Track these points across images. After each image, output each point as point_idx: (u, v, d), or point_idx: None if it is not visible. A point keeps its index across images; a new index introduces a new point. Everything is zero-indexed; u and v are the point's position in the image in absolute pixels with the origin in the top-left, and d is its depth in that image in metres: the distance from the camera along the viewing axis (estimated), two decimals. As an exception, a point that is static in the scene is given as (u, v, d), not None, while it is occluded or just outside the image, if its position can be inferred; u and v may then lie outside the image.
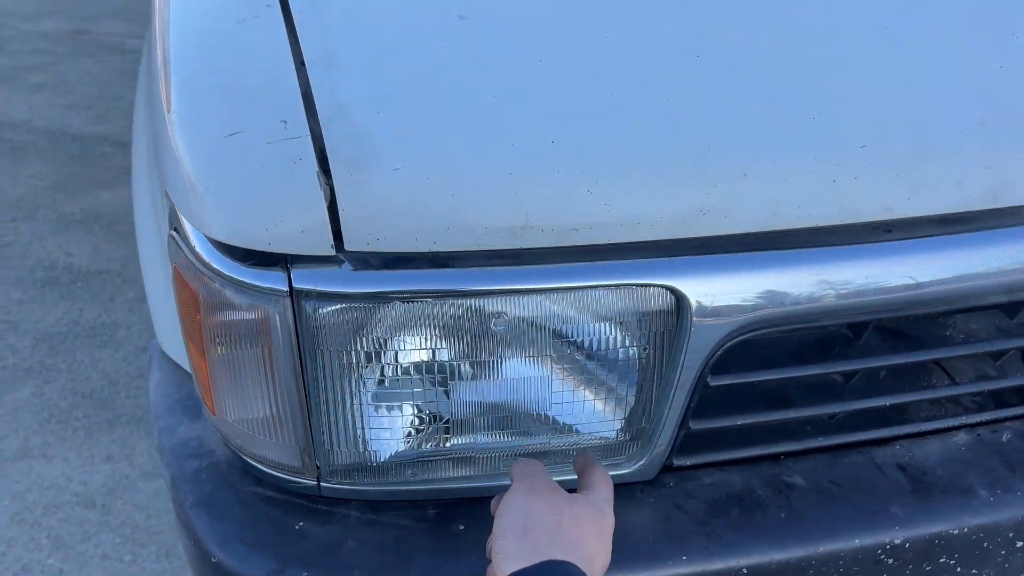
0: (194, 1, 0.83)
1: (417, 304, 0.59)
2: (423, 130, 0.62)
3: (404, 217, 0.58)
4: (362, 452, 0.65)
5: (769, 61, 0.69)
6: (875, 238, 0.65)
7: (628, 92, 0.66)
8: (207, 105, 0.67)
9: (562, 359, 0.63)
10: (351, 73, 0.67)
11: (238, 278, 0.60)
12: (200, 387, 0.69)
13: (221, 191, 0.60)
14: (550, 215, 0.59)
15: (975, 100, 0.68)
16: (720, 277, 0.61)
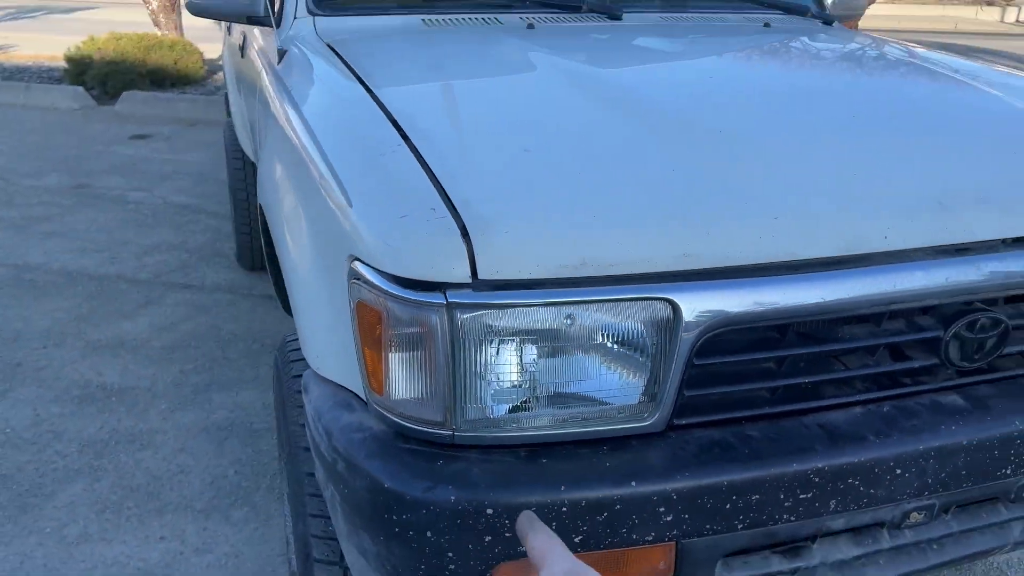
0: (341, 140, 1.26)
1: (522, 311, 1.00)
2: (518, 211, 1.04)
3: (510, 259, 1.00)
4: (483, 411, 1.03)
5: (717, 152, 1.15)
6: (787, 272, 1.08)
7: (633, 183, 1.10)
8: (380, 202, 1.09)
9: (605, 348, 1.03)
10: (466, 181, 1.10)
11: (414, 298, 0.99)
12: (371, 379, 1.07)
13: (400, 248, 1.01)
14: (597, 257, 1.01)
15: (841, 185, 1.14)
16: (698, 294, 1.03)
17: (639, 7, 2.10)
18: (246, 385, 2.99)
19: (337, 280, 1.13)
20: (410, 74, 1.56)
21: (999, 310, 1.17)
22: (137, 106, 7.58)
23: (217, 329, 3.43)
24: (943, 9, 18.90)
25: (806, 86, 1.60)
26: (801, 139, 1.27)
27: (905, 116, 1.42)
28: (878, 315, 1.13)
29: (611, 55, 1.72)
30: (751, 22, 2.14)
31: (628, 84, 1.50)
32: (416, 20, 1.94)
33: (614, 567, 1.05)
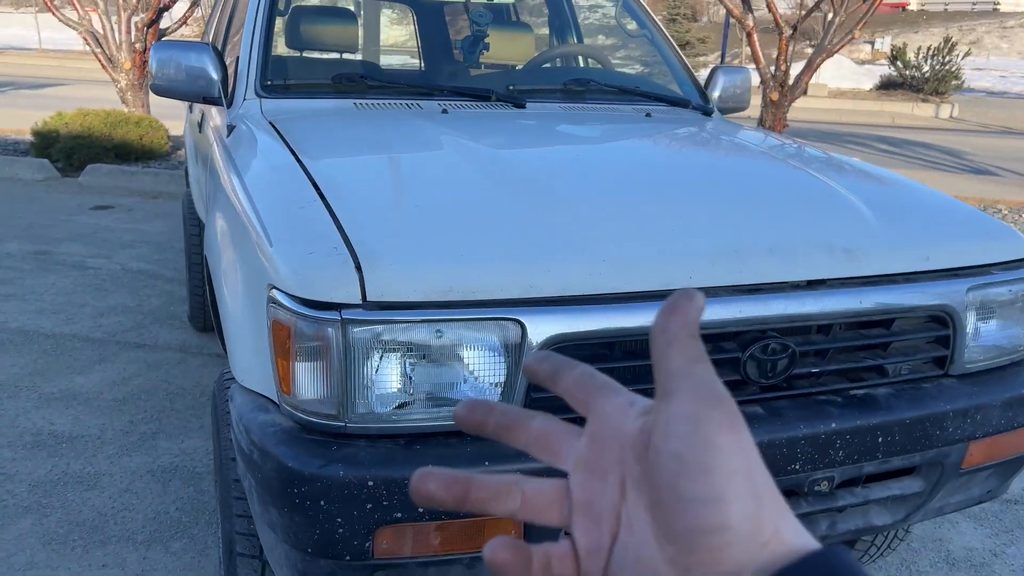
0: (269, 196, 1.56)
1: (401, 326, 1.28)
2: (401, 250, 1.34)
3: (393, 286, 1.29)
4: (369, 407, 1.30)
5: (565, 212, 1.46)
6: (612, 302, 1.38)
7: (495, 231, 1.41)
8: (292, 243, 1.38)
9: (468, 358, 1.32)
10: (366, 228, 1.39)
11: (316, 315, 1.28)
12: (282, 383, 1.34)
13: (307, 278, 1.30)
14: (461, 286, 1.31)
15: (665, 235, 1.46)
16: (541, 316, 1.33)
17: (542, 98, 2.47)
18: (191, 433, 3.19)
19: (259, 306, 1.41)
20: (335, 147, 1.88)
21: (789, 339, 1.49)
22: (101, 178, 7.84)
23: (167, 384, 3.63)
24: (881, 104, 20.09)
25: (655, 163, 1.96)
26: (636, 202, 1.60)
27: (724, 187, 1.76)
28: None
29: (507, 136, 2.06)
30: (637, 112, 2.51)
31: (512, 159, 1.84)
32: (349, 104, 2.27)
33: (475, 534, 1.31)
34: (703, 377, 0.36)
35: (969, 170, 11.03)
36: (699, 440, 0.34)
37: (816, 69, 7.72)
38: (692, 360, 0.36)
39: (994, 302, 1.67)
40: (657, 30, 2.90)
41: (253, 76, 2.28)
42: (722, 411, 0.35)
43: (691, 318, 0.37)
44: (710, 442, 0.35)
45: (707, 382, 0.36)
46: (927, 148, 13.28)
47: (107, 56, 8.83)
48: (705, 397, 0.35)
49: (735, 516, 0.34)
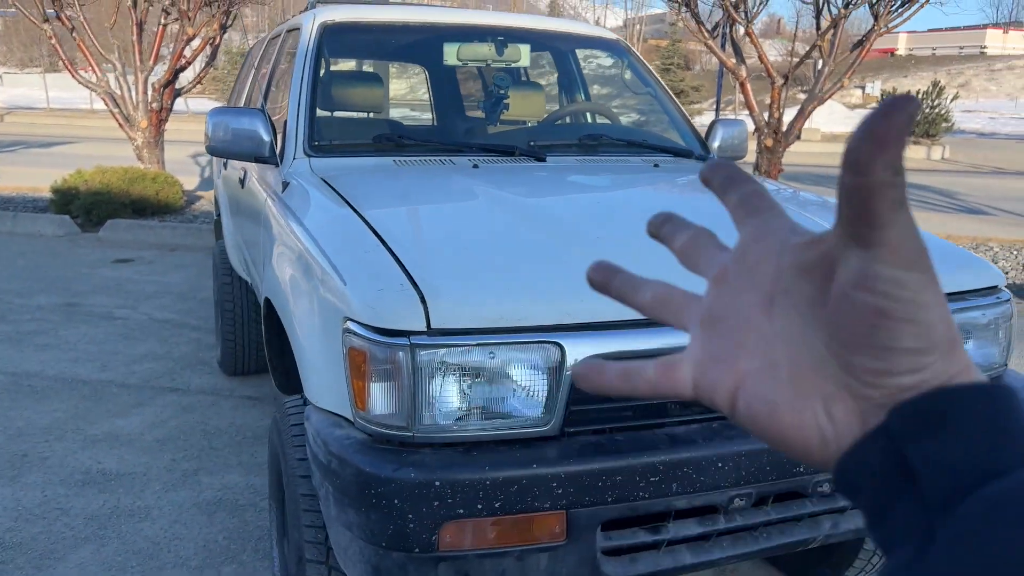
0: (336, 243, 1.80)
1: (460, 349, 1.51)
2: (458, 286, 1.58)
3: (452, 315, 1.52)
4: (433, 420, 1.52)
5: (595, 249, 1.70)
6: (633, 327, 1.61)
7: (536, 269, 1.64)
8: (365, 281, 1.62)
9: (516, 376, 1.54)
10: (425, 267, 1.63)
11: (388, 342, 1.51)
12: (357, 401, 1.56)
13: (379, 308, 1.53)
14: (511, 315, 1.54)
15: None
16: (578, 340, 1.56)
17: (560, 152, 2.73)
18: (231, 470, 3.39)
19: (334, 337, 1.64)
20: (385, 198, 2.13)
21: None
22: (120, 233, 8.11)
23: (203, 424, 3.84)
24: (872, 148, 20.49)
25: (667, 207, 2.20)
26: (652, 241, 1.84)
27: (731, 228, 2.01)
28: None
29: (534, 187, 2.32)
30: (646, 163, 2.78)
31: (543, 206, 2.09)
32: (388, 161, 2.53)
33: (525, 529, 1.53)
34: (907, 228, 0.33)
35: (963, 210, 11.34)
36: (906, 300, 0.33)
37: (808, 116, 8.06)
38: (897, 204, 0.32)
39: (971, 325, 1.90)
40: (660, 88, 3.18)
41: (302, 137, 2.55)
42: (927, 271, 0.34)
43: (903, 126, 0.31)
44: (918, 302, 0.33)
45: (911, 235, 0.33)
46: (921, 189, 13.62)
47: (124, 115, 9.17)
48: (911, 255, 0.33)
49: (932, 365, 0.34)
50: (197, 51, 9.38)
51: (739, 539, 1.74)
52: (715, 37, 8.44)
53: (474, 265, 1.67)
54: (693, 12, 8.27)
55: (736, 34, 8.20)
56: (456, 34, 3.06)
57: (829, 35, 7.90)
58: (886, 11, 7.67)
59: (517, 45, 3.08)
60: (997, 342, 1.95)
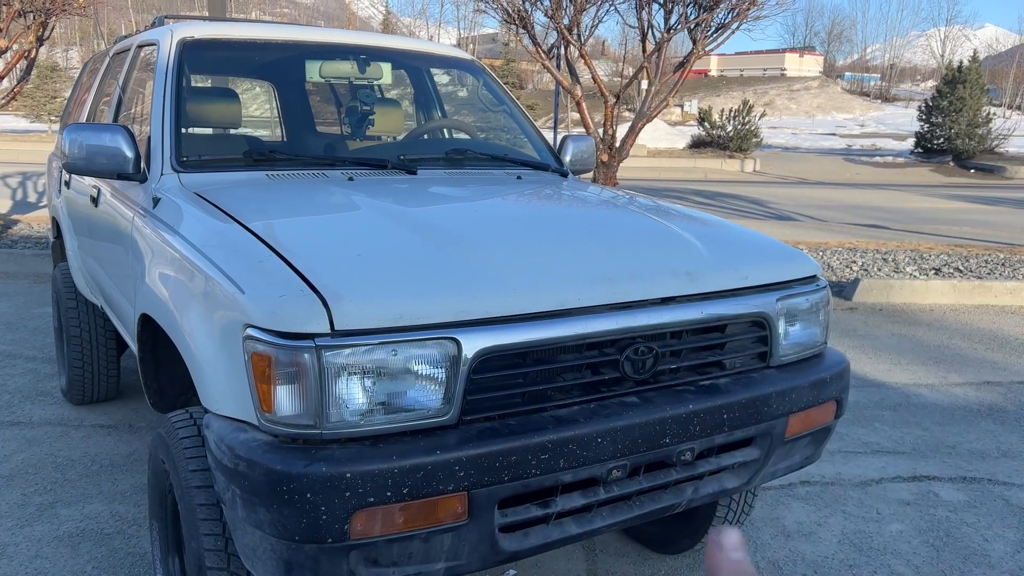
0: (227, 255, 1.86)
1: (363, 349, 1.61)
2: (357, 288, 1.68)
3: (354, 317, 1.62)
4: (340, 416, 1.61)
5: (478, 253, 1.85)
6: (522, 320, 1.77)
7: (428, 271, 1.77)
8: (265, 289, 1.68)
9: (417, 371, 1.66)
10: (322, 273, 1.72)
11: (292, 344, 1.59)
12: (263, 405, 1.62)
13: (280, 314, 1.61)
14: (409, 313, 1.66)
15: (554, 266, 1.87)
16: (471, 335, 1.70)
17: (429, 165, 2.87)
18: (91, 500, 3.25)
19: (233, 344, 1.69)
20: (266, 210, 2.18)
21: (654, 343, 1.94)
22: (-73, 262, 7.42)
23: (53, 457, 3.64)
24: (694, 161, 22.05)
25: (539, 214, 2.41)
26: (527, 243, 2.02)
27: (591, 230, 2.25)
28: (580, 346, 1.85)
29: (411, 196, 2.44)
30: (509, 175, 2.97)
31: (424, 214, 2.22)
32: (261, 175, 2.57)
33: (430, 512, 1.64)
34: None
35: (773, 216, 12.45)
36: None
37: (639, 133, 8.61)
38: None
39: (796, 309, 2.21)
40: (514, 105, 3.39)
41: (169, 153, 2.54)
42: None
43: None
44: None
45: None
46: (736, 198, 14.80)
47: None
48: None
49: None
50: (10, 65, 8.75)
51: (616, 508, 1.94)
52: (551, 58, 8.85)
53: (369, 269, 1.78)
54: (530, 34, 8.64)
55: (570, 55, 8.65)
56: (319, 52, 3.13)
57: (654, 57, 8.50)
58: (703, 36, 8.35)
59: (379, 63, 3.19)
60: (819, 323, 2.28)
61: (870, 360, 5.34)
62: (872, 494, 3.45)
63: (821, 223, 11.81)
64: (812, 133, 34.96)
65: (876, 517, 3.25)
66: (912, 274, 7.77)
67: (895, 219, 12.41)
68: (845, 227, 11.39)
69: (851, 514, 3.26)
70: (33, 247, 7.87)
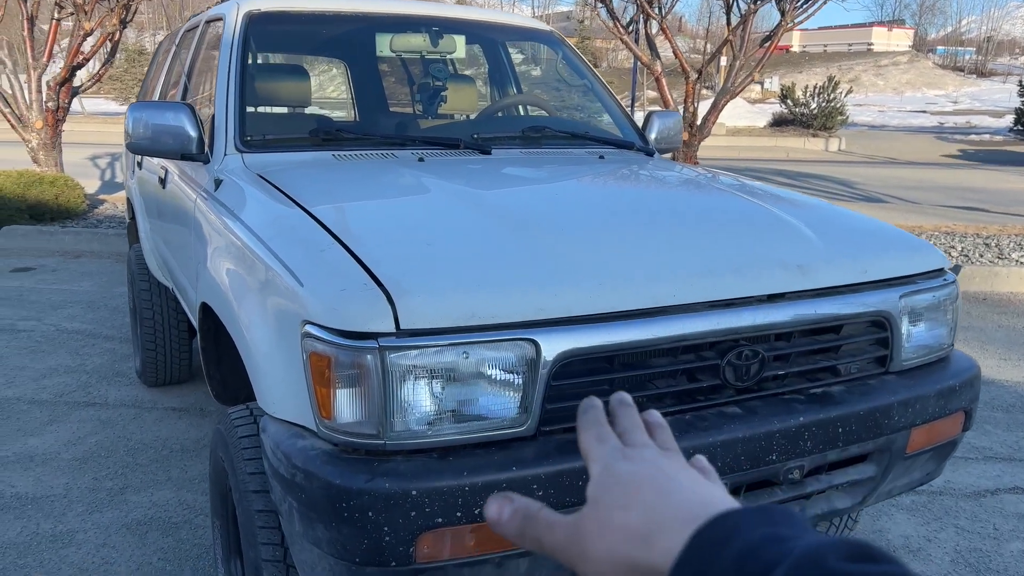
0: (286, 242, 1.70)
1: (432, 350, 1.44)
2: (426, 282, 1.50)
3: (422, 315, 1.44)
4: (406, 425, 1.44)
5: (562, 242, 1.65)
6: (611, 319, 1.57)
7: (504, 263, 1.58)
8: (325, 281, 1.52)
9: (491, 376, 1.48)
10: (388, 265, 1.55)
11: (355, 345, 1.42)
12: (322, 410, 1.47)
13: (347, 311, 1.44)
14: (483, 311, 1.47)
15: (644, 259, 1.66)
16: (552, 335, 1.50)
17: (505, 145, 2.67)
18: (160, 486, 3.20)
19: (290, 342, 1.54)
20: (331, 194, 2.02)
21: (759, 346, 1.71)
22: (17, 240, 7.63)
23: (126, 440, 3.62)
24: (775, 140, 21.28)
25: (626, 198, 2.18)
26: (617, 232, 1.81)
27: (687, 216, 2.00)
28: (675, 349, 1.64)
29: (485, 179, 2.25)
30: (590, 155, 2.75)
31: (499, 198, 2.03)
32: (327, 155, 2.42)
33: (504, 535, 1.46)
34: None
35: (861, 198, 11.84)
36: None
37: (721, 110, 8.24)
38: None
39: (921, 307, 1.94)
40: (596, 79, 3.17)
41: (233, 132, 2.41)
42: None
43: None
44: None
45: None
46: (821, 179, 14.16)
47: (16, 116, 8.64)
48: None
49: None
50: (95, 47, 8.90)
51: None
52: (629, 33, 8.53)
53: (439, 261, 1.60)
54: (608, 8, 8.34)
55: (650, 29, 8.31)
56: (390, 24, 2.96)
57: (739, 31, 8.09)
58: (791, 7, 7.90)
59: (452, 36, 3.01)
60: (946, 323, 2.00)
61: (976, 355, 4.94)
62: (987, 507, 3.13)
63: (913, 205, 11.18)
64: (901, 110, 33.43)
65: (993, 533, 2.94)
66: (1019, 260, 7.23)
67: (995, 201, 11.65)
68: (940, 209, 10.74)
69: (964, 529, 2.96)
70: (117, 227, 8.01)
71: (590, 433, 0.62)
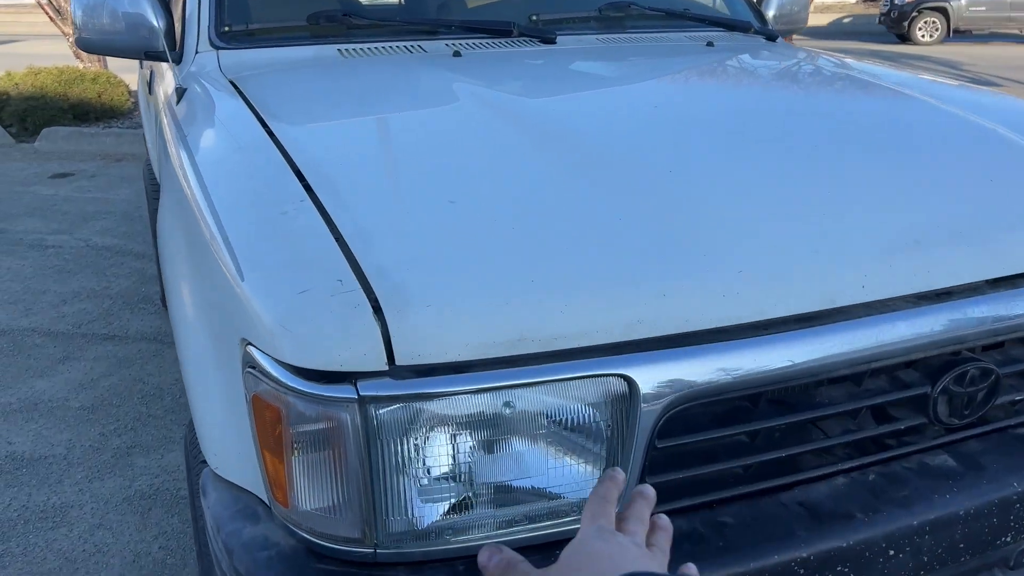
0: (238, 197, 1.09)
1: (451, 400, 0.83)
2: (442, 279, 0.88)
3: (434, 339, 0.83)
4: (409, 522, 0.86)
5: (669, 219, 1.00)
6: (755, 334, 0.93)
7: (578, 242, 0.95)
8: (277, 274, 0.91)
9: (553, 436, 0.88)
10: (381, 245, 0.93)
11: (317, 392, 0.82)
12: (274, 488, 0.89)
13: (300, 333, 0.84)
14: (537, 330, 0.85)
15: (809, 235, 1.00)
16: (657, 366, 0.88)
17: (574, 29, 1.96)
18: (172, 446, 2.76)
19: (232, 366, 0.95)
20: (319, 113, 1.38)
21: (987, 358, 1.05)
22: (59, 143, 7.25)
23: (141, 383, 3.18)
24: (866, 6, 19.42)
25: (759, 113, 1.46)
26: (759, 175, 1.13)
27: (867, 143, 1.29)
28: (859, 374, 0.99)
29: (546, 85, 1.57)
30: (693, 41, 2.02)
31: (566, 120, 1.35)
32: (332, 51, 1.77)
33: None
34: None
35: (971, 80, 10.52)
36: None
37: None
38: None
39: None
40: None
41: (206, 21, 1.77)
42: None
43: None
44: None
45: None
46: (923, 59, 12.76)
47: (55, 8, 8.13)
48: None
49: None
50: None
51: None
52: None
53: (468, 234, 0.97)
54: None
55: None
56: None
57: None
58: None
59: None
60: None
61: None
62: None
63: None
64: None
65: None
66: None
67: None
68: (1072, 93, 9.42)
69: None
70: (158, 127, 7.55)
71: (594, 506, 0.71)
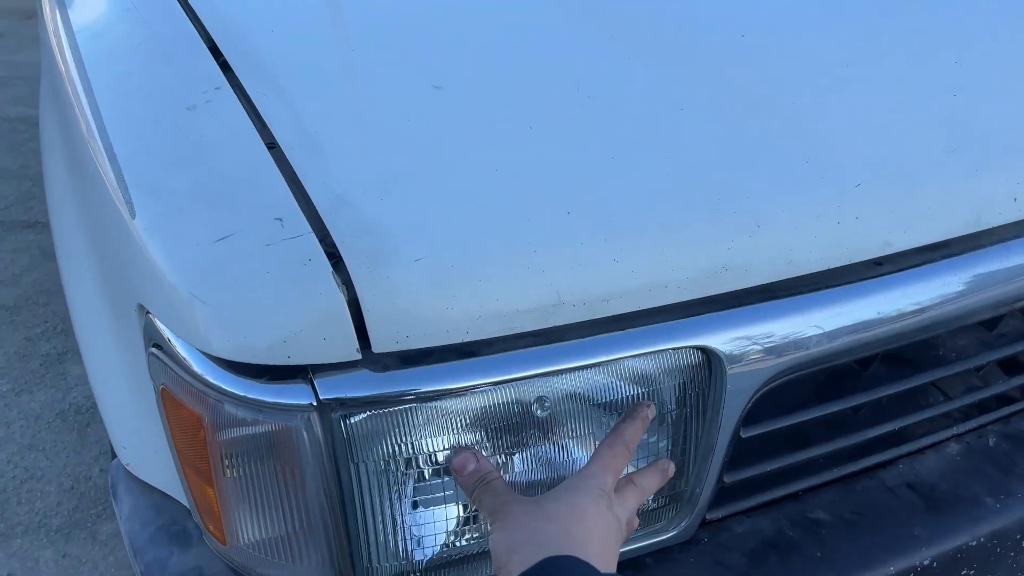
0: (127, 85, 0.75)
1: (460, 399, 0.56)
2: (436, 213, 0.58)
3: (432, 310, 0.55)
4: (403, 560, 0.60)
5: (751, 111, 0.70)
6: (872, 273, 0.67)
7: (628, 152, 0.65)
8: (181, 208, 0.60)
9: (603, 433, 0.61)
10: (338, 157, 0.62)
11: (254, 397, 0.54)
12: (203, 515, 0.62)
13: (222, 303, 0.55)
14: (580, 289, 0.57)
15: (942, 131, 0.72)
16: (748, 330, 0.61)
17: None
18: (109, 350, 2.48)
19: (133, 342, 0.66)
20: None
21: None
22: (-39, -3, 6.45)
23: (70, 278, 2.86)
24: None
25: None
26: (870, 50, 0.82)
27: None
28: (995, 318, 0.74)
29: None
30: None
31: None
32: None
33: None
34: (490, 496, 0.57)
35: None
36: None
37: None
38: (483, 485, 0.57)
39: None
40: None
41: None
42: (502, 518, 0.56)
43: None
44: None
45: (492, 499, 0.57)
46: None
47: None
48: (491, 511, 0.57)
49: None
50: None
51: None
52: None
53: (475, 149, 0.66)
54: None
55: None
56: None
57: None
58: None
59: None
60: None
61: None
62: None
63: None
64: None
65: None
66: None
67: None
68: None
69: None
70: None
71: (611, 450, 0.57)
